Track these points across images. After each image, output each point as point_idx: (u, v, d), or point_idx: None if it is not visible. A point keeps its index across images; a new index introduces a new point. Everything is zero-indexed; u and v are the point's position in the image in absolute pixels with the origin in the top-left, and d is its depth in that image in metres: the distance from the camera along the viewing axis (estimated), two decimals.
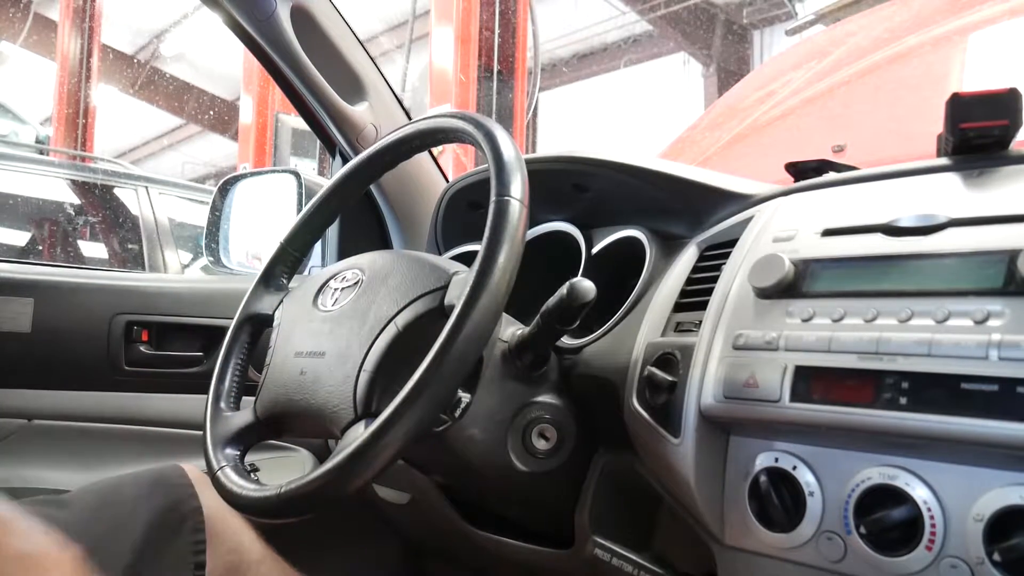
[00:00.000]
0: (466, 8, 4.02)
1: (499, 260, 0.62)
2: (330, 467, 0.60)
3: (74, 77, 7.05)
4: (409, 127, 0.79)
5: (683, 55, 9.68)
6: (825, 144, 1.67)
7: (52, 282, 1.28)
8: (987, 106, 0.67)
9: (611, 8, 9.38)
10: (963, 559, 0.53)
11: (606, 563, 0.82)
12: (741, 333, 0.66)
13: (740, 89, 2.78)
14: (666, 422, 0.70)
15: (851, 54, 2.13)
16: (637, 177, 0.92)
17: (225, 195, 1.40)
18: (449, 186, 1.12)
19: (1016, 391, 0.51)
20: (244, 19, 1.12)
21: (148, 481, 0.85)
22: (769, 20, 9.33)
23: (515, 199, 0.64)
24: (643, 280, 0.87)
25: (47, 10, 8.97)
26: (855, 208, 0.69)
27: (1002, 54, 1.71)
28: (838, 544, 0.59)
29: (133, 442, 1.26)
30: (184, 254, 3.95)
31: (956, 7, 2.02)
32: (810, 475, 0.62)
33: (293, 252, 0.88)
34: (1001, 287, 0.55)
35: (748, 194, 0.84)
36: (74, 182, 4.20)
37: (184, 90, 11.94)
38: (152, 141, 13.64)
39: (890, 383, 0.56)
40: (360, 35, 1.24)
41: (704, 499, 0.67)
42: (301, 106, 1.25)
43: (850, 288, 0.63)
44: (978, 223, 0.60)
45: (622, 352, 0.81)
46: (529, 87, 4.18)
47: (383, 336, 0.68)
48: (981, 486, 0.53)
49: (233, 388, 0.82)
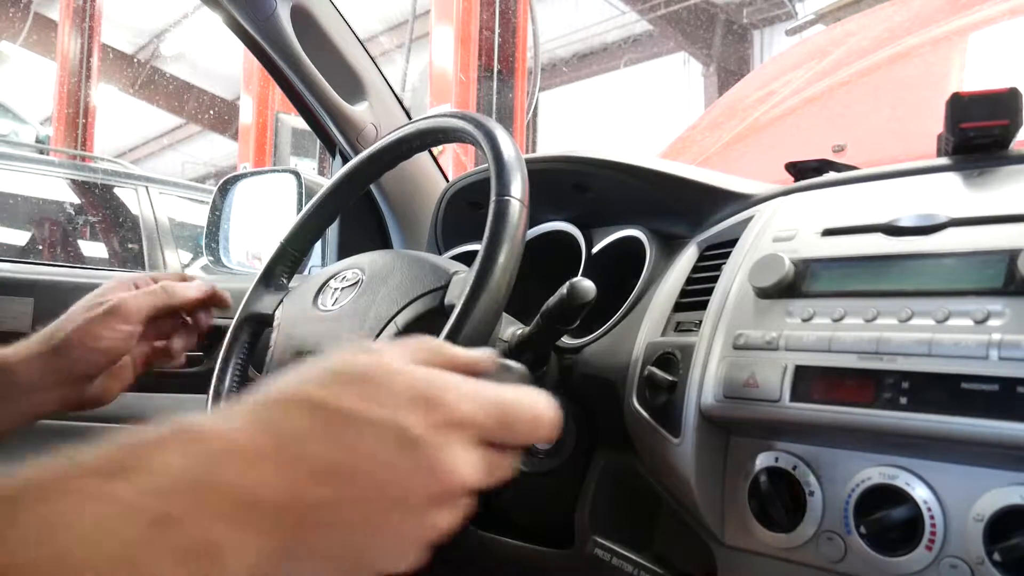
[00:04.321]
0: (466, 8, 4.03)
1: (499, 259, 0.62)
2: None
3: (74, 77, 7.05)
4: (409, 127, 0.79)
5: (683, 55, 9.68)
6: (825, 144, 1.67)
7: (52, 282, 1.28)
8: (987, 106, 0.67)
9: (611, 8, 9.38)
10: (963, 559, 0.53)
11: (606, 563, 0.82)
12: (741, 333, 0.66)
13: (740, 89, 2.78)
14: (666, 422, 0.70)
15: (851, 54, 2.13)
16: (637, 177, 0.92)
17: (225, 195, 1.40)
18: (449, 186, 1.12)
19: (1016, 391, 0.51)
20: (244, 19, 1.12)
21: None
22: (769, 20, 9.34)
23: (515, 199, 0.64)
24: (643, 280, 0.87)
25: (47, 10, 8.98)
26: (855, 208, 0.69)
27: (1002, 54, 1.71)
28: (838, 544, 0.59)
29: None
30: (184, 254, 3.95)
31: (956, 7, 2.02)
32: (810, 475, 0.62)
33: (293, 252, 0.88)
34: (1001, 287, 0.55)
35: (748, 194, 0.84)
36: (74, 182, 4.21)
37: (184, 90, 11.95)
38: (152, 141, 13.65)
39: (890, 383, 0.56)
40: (360, 35, 1.24)
41: (704, 499, 0.67)
42: (301, 106, 1.25)
43: (850, 288, 0.63)
44: (978, 223, 0.60)
45: (622, 352, 0.81)
46: (529, 87, 4.18)
47: (383, 336, 0.68)
48: (981, 486, 0.53)
49: (233, 388, 0.82)
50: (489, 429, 0.40)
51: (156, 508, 0.31)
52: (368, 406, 0.37)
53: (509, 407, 0.41)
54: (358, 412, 0.37)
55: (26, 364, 0.69)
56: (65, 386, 0.71)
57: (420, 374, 0.40)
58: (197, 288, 0.79)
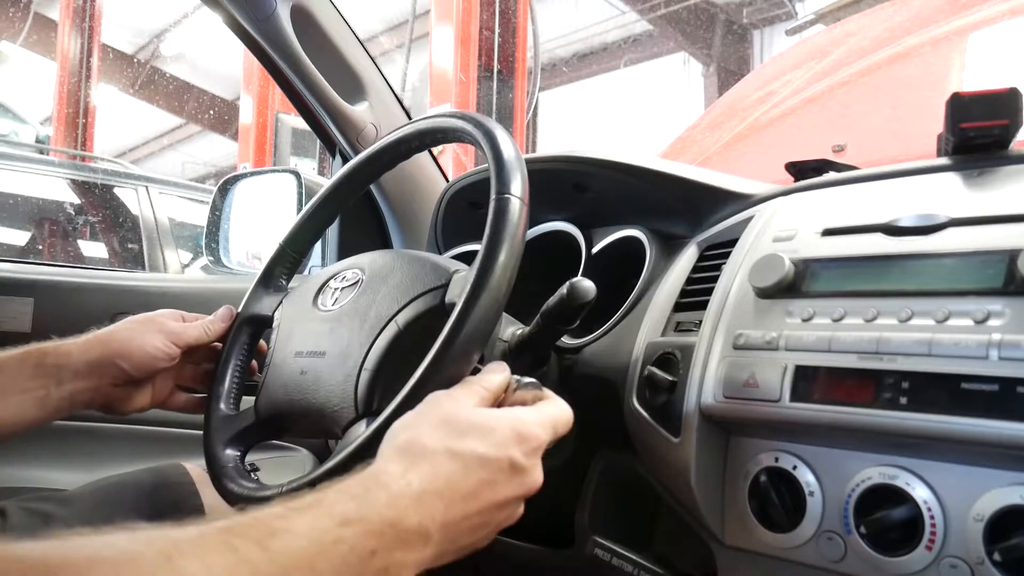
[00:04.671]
0: (466, 8, 4.02)
1: (500, 258, 0.61)
2: (331, 466, 0.60)
3: (74, 77, 7.05)
4: (409, 127, 0.79)
5: (683, 55, 9.68)
6: (825, 144, 1.67)
7: (52, 282, 1.28)
8: (987, 106, 0.67)
9: (611, 8, 9.38)
10: (963, 559, 0.53)
11: (606, 563, 0.82)
12: (741, 333, 0.66)
13: (740, 89, 2.78)
14: (666, 422, 0.70)
15: (851, 54, 2.13)
16: (637, 177, 0.92)
17: (225, 195, 1.40)
18: (449, 186, 1.12)
19: (1016, 391, 0.51)
20: (244, 19, 1.12)
21: (150, 479, 0.85)
22: (769, 20, 9.33)
23: (515, 197, 0.64)
24: (643, 280, 0.87)
25: (47, 10, 8.97)
26: (855, 208, 0.69)
27: (1002, 54, 1.71)
28: (838, 544, 0.59)
29: (133, 442, 1.26)
30: (184, 254, 3.95)
31: (956, 7, 2.02)
32: (810, 475, 0.62)
33: (292, 253, 0.88)
34: (1001, 287, 0.55)
35: (748, 194, 0.84)
36: (74, 182, 4.20)
37: (184, 90, 11.94)
38: (152, 141, 13.65)
39: (890, 383, 0.56)
40: (360, 35, 1.24)
41: (704, 499, 0.67)
42: (301, 106, 1.25)
43: (850, 288, 0.63)
44: (978, 223, 0.60)
45: (622, 352, 0.81)
46: (529, 87, 4.18)
47: (384, 335, 0.68)
48: (981, 486, 0.53)
49: (233, 388, 0.82)
50: (549, 442, 0.58)
51: (365, 545, 0.45)
52: (487, 448, 0.53)
53: (557, 421, 0.60)
54: (481, 453, 0.53)
55: (80, 353, 0.77)
56: (102, 384, 0.78)
57: (508, 417, 0.56)
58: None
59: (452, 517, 0.51)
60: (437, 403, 0.56)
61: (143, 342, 0.78)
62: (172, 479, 0.85)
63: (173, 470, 0.87)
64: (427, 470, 0.51)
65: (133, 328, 0.80)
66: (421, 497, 0.49)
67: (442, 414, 0.55)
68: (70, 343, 0.78)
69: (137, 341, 0.78)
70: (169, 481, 0.85)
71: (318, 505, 0.46)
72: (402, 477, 0.50)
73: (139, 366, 0.78)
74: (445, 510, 0.50)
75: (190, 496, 0.84)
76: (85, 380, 0.77)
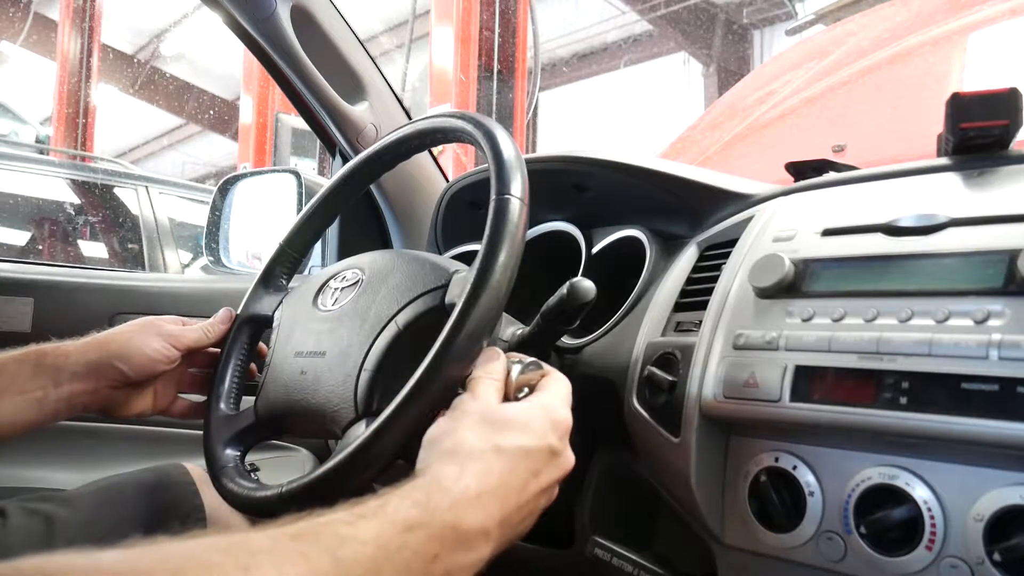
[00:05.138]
0: (466, 8, 4.02)
1: (500, 258, 0.61)
2: (331, 466, 0.60)
3: (74, 77, 7.05)
4: (409, 127, 0.79)
5: (683, 55, 9.68)
6: (825, 144, 1.67)
7: (52, 282, 1.28)
8: (987, 106, 0.67)
9: (611, 8, 9.38)
10: (963, 559, 0.53)
11: (606, 563, 0.82)
12: (741, 333, 0.66)
13: (740, 89, 2.78)
14: (666, 422, 0.70)
15: (851, 54, 2.13)
16: (637, 177, 0.92)
17: (225, 195, 1.40)
18: (449, 186, 1.12)
19: (1016, 391, 0.51)
20: (244, 19, 1.12)
21: (151, 479, 0.85)
22: (769, 20, 9.33)
23: (515, 197, 0.64)
24: (643, 280, 0.87)
25: (47, 10, 8.97)
26: (855, 208, 0.69)
27: (1002, 54, 1.71)
28: (838, 544, 0.59)
29: (133, 442, 1.26)
30: (184, 254, 3.95)
31: (956, 7, 2.02)
32: (810, 475, 0.62)
33: (292, 253, 0.88)
34: (1001, 287, 0.55)
35: (748, 194, 0.84)
36: (74, 182, 4.20)
37: (184, 90, 11.95)
38: (152, 141, 13.65)
39: (890, 383, 0.56)
40: (360, 35, 1.24)
41: (704, 499, 0.67)
42: (301, 106, 1.25)
43: (850, 288, 0.63)
44: (978, 223, 0.60)
45: (622, 352, 0.81)
46: (529, 87, 4.18)
47: (384, 335, 0.68)
48: (981, 486, 0.53)
49: (233, 388, 0.82)
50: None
51: (428, 550, 0.47)
52: (529, 440, 0.56)
53: (568, 396, 0.63)
54: (525, 446, 0.56)
55: (78, 354, 0.77)
56: (101, 386, 0.77)
57: (538, 406, 0.60)
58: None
59: (507, 512, 0.53)
60: (464, 406, 0.58)
61: (142, 344, 0.79)
62: (172, 479, 0.85)
63: (173, 470, 0.87)
64: (480, 469, 0.53)
65: (132, 330, 0.80)
66: (479, 498, 0.52)
67: (477, 414, 0.57)
68: (69, 344, 0.77)
69: (136, 343, 0.78)
70: (169, 481, 0.85)
71: (382, 511, 0.48)
72: (460, 480, 0.52)
73: (138, 368, 0.78)
74: (501, 507, 0.53)
75: (190, 496, 0.84)
76: (83, 382, 0.77)
